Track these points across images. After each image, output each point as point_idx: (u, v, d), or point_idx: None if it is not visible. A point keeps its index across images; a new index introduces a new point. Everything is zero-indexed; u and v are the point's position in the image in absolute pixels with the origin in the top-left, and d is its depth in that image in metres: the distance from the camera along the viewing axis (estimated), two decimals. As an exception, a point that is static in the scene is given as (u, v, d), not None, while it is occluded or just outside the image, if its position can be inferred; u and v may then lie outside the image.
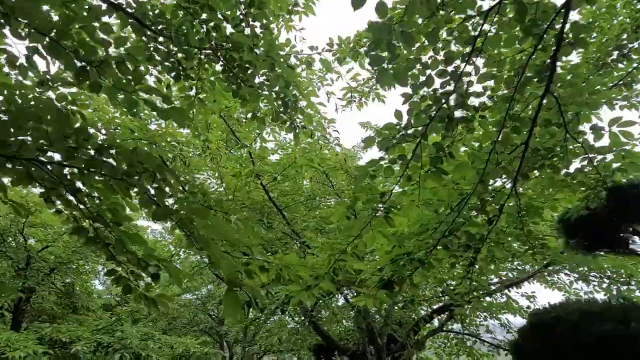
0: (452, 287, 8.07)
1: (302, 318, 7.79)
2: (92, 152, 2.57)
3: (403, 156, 3.56)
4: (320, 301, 8.55)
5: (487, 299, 9.49)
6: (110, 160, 2.58)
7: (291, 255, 4.14)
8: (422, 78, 3.62)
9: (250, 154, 7.38)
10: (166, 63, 4.50)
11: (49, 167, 2.70)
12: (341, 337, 9.86)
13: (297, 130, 5.68)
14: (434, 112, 3.51)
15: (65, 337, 10.13)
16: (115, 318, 11.22)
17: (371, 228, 3.67)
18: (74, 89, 3.09)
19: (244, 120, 7.16)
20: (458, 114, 3.59)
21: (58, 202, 2.96)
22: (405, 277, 4.25)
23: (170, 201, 2.49)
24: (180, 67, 4.86)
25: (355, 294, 9.13)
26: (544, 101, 3.82)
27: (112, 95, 2.70)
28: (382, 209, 3.55)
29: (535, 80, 3.77)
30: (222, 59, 5.01)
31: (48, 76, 3.13)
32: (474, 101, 3.92)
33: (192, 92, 5.28)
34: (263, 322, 19.76)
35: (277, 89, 5.28)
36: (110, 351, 10.33)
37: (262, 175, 6.48)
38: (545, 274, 8.27)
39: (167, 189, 2.44)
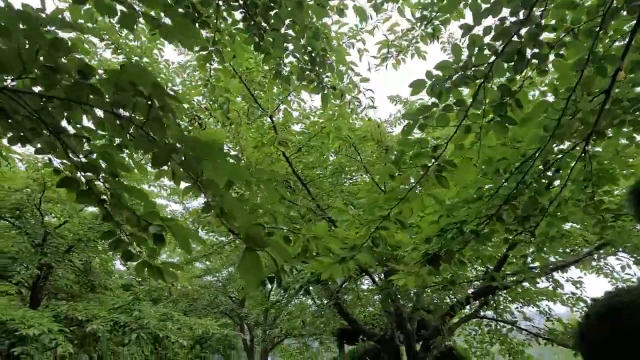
0: (492, 268, 7.41)
1: (327, 301, 7.24)
2: (75, 75, 2.01)
3: (461, 101, 2.92)
4: (347, 283, 7.99)
5: (525, 284, 8.81)
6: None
7: (320, 226, 3.55)
8: (486, 6, 2.96)
9: (272, 121, 6.79)
10: (180, 10, 3.93)
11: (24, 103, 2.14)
12: (366, 322, 9.32)
13: (325, 91, 5.08)
14: (501, 47, 2.85)
15: (81, 316, 9.80)
16: (133, 297, 10.85)
17: (420, 190, 3.05)
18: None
19: (265, 84, 6.56)
20: (529, 51, 2.92)
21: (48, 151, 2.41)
22: (454, 251, 3.63)
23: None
24: (196, 14, 4.29)
25: (383, 275, 8.54)
26: (633, 41, 3.12)
27: (103, 6, 2.11)
28: (434, 165, 2.92)
29: (624, 12, 3.07)
30: (242, 3, 4.41)
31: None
32: (548, 36, 3.24)
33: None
34: (285, 304, 19.39)
35: (303, 41, 4.68)
36: (127, 331, 9.98)
37: (286, 142, 5.90)
38: (595, 256, 7.54)
39: (167, 119, 1.86)
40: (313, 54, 4.85)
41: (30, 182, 10.40)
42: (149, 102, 1.82)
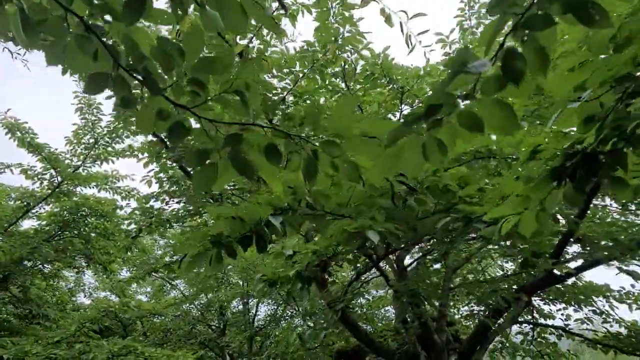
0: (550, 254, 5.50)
1: (330, 315, 5.18)
2: None
3: None
4: (354, 283, 5.98)
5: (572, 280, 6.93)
6: None
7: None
8: None
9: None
10: None
11: None
12: (378, 334, 7.32)
13: None
14: None
15: (8, 354, 7.53)
16: (77, 327, 8.60)
17: None
18: None
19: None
20: None
21: None
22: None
23: None
24: None
25: (396, 267, 6.55)
26: None
27: None
28: None
29: None
30: None
31: None
32: None
33: None
34: (273, 325, 17.12)
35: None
36: (68, 369, 7.74)
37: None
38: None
39: None
40: None
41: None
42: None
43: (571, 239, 5.20)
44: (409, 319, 6.67)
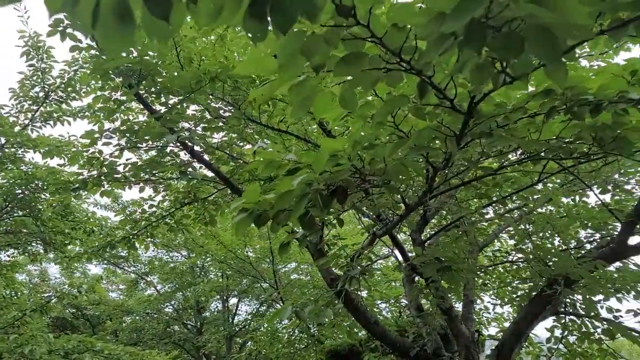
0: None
1: (337, 301, 3.74)
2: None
3: None
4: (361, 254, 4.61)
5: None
6: None
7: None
8: None
9: None
10: None
11: None
12: (389, 324, 5.96)
13: None
14: None
15: None
16: (15, 316, 7.01)
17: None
18: None
19: None
20: None
21: None
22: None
23: None
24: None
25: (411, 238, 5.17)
26: None
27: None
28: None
29: None
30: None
31: None
32: None
33: None
34: (255, 324, 15.59)
35: None
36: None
37: None
38: None
39: None
40: None
41: None
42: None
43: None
44: (421, 305, 5.33)
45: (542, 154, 2.70)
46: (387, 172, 2.07)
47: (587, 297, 5.66)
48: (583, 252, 4.77)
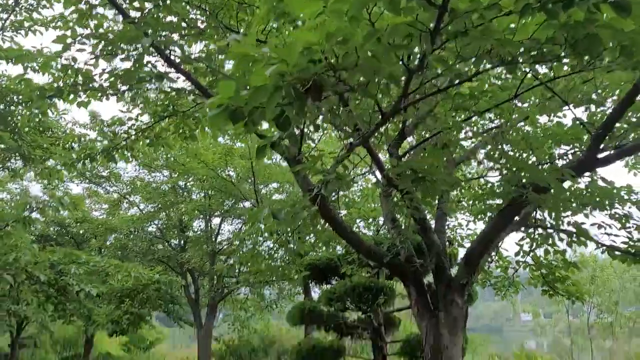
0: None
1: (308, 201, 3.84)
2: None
3: None
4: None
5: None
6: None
7: None
8: None
9: None
10: None
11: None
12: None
13: None
14: None
15: None
16: (-2, 225, 7.10)
17: None
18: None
19: None
20: None
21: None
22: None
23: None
24: None
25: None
26: None
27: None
28: None
29: None
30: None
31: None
32: None
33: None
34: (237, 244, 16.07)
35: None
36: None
37: None
38: None
39: None
40: None
41: None
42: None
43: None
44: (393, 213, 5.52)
45: (519, 59, 2.73)
46: (361, 66, 2.09)
47: (555, 212, 5.93)
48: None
